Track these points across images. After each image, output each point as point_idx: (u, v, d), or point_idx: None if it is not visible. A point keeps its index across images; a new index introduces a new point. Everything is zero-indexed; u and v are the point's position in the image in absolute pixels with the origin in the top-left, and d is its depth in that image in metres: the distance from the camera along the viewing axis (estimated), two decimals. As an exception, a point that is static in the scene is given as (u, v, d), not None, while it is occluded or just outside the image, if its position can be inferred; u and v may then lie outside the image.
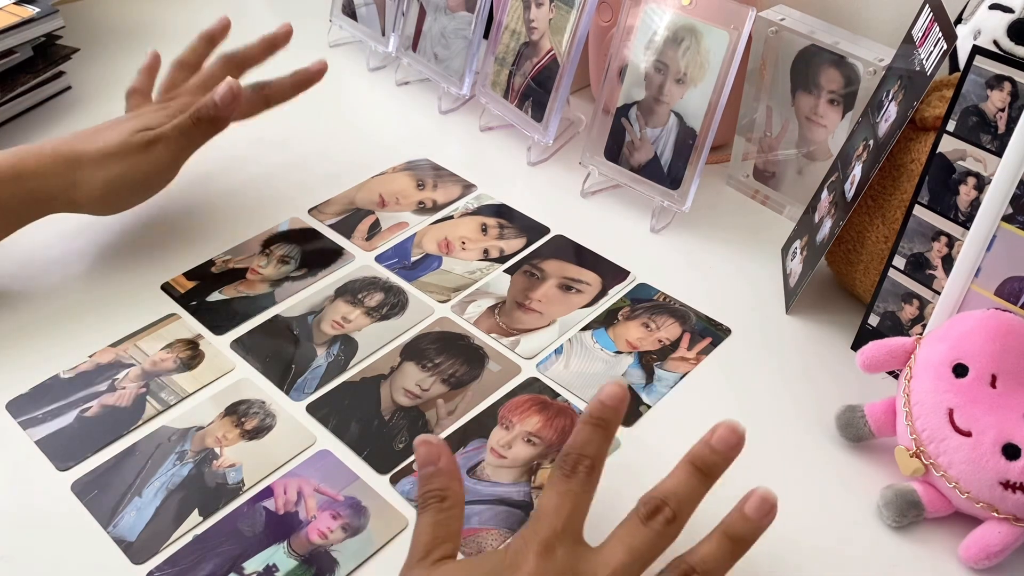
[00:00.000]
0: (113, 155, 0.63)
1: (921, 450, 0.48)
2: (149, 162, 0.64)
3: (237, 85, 0.66)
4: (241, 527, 0.50)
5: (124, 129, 0.65)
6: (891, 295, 0.57)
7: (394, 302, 0.64)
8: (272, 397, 0.57)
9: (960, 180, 0.52)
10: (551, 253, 0.69)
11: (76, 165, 0.63)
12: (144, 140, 0.64)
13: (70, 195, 0.63)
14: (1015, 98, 0.49)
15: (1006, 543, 0.46)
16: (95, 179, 0.63)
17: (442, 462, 0.46)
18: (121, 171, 0.63)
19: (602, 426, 0.45)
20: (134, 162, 0.64)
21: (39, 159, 0.63)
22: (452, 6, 0.81)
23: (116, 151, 0.63)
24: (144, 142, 0.64)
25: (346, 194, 0.75)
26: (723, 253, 0.69)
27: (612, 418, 0.45)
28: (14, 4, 0.83)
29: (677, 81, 0.68)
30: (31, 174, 0.62)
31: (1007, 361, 0.48)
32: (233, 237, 0.70)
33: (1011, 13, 0.59)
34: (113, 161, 0.63)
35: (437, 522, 0.44)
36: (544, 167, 0.79)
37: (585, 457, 0.44)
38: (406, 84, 0.89)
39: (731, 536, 0.42)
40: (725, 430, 0.44)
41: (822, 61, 0.65)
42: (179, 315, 0.63)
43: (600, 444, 0.45)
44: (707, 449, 0.44)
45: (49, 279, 0.66)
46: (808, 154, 0.69)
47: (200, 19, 1.00)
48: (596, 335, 0.62)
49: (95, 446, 0.54)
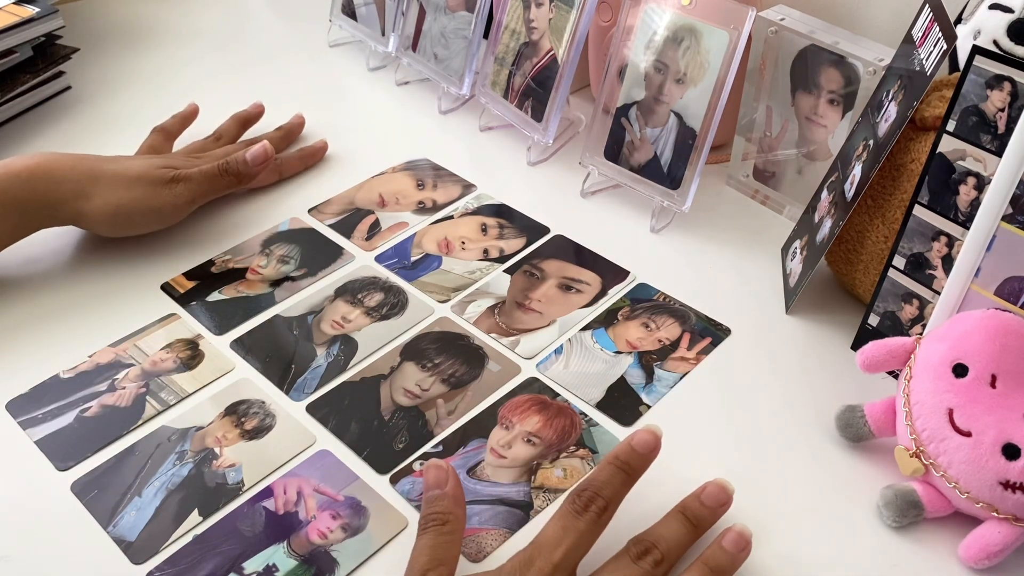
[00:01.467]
0: (134, 180, 0.65)
1: (921, 450, 0.48)
2: (165, 197, 0.66)
3: (271, 149, 0.70)
4: (241, 527, 0.50)
5: (150, 163, 0.67)
6: (891, 295, 0.57)
7: (394, 302, 0.64)
8: (272, 397, 0.57)
9: (960, 180, 0.52)
10: (551, 253, 0.69)
11: (94, 178, 0.64)
12: (167, 176, 0.66)
13: (80, 205, 0.64)
14: (1015, 98, 0.49)
15: (1006, 543, 0.46)
16: (109, 197, 0.64)
17: (449, 487, 0.47)
18: (137, 196, 0.65)
19: (626, 471, 0.46)
20: (152, 192, 0.65)
21: (59, 161, 0.64)
22: (452, 6, 0.81)
23: (137, 177, 0.65)
24: (167, 178, 0.66)
25: (346, 194, 0.75)
26: (723, 253, 0.69)
27: (638, 466, 0.46)
28: (14, 4, 0.83)
29: (677, 81, 0.68)
30: (46, 174, 0.63)
31: (1007, 361, 0.48)
32: (233, 237, 0.70)
33: (1011, 13, 0.59)
34: (132, 185, 0.65)
35: (436, 544, 0.45)
36: (544, 167, 0.79)
37: (600, 498, 0.45)
38: (406, 84, 0.89)
39: (711, 567, 0.45)
40: (715, 488, 0.47)
41: (822, 61, 0.65)
42: (179, 315, 0.63)
43: (619, 488, 0.45)
44: (697, 503, 0.47)
45: (49, 279, 0.66)
46: (808, 154, 0.69)
47: (200, 19, 1.00)
48: (596, 335, 0.62)
49: (95, 446, 0.54)
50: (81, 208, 0.64)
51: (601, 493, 0.45)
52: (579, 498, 0.44)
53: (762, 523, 0.50)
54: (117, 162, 0.66)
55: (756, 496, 0.51)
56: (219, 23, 1.01)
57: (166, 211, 0.66)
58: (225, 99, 0.82)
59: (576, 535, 0.43)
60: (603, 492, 0.45)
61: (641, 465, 0.46)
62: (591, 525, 0.44)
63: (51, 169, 0.63)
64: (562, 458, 0.53)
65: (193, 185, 0.67)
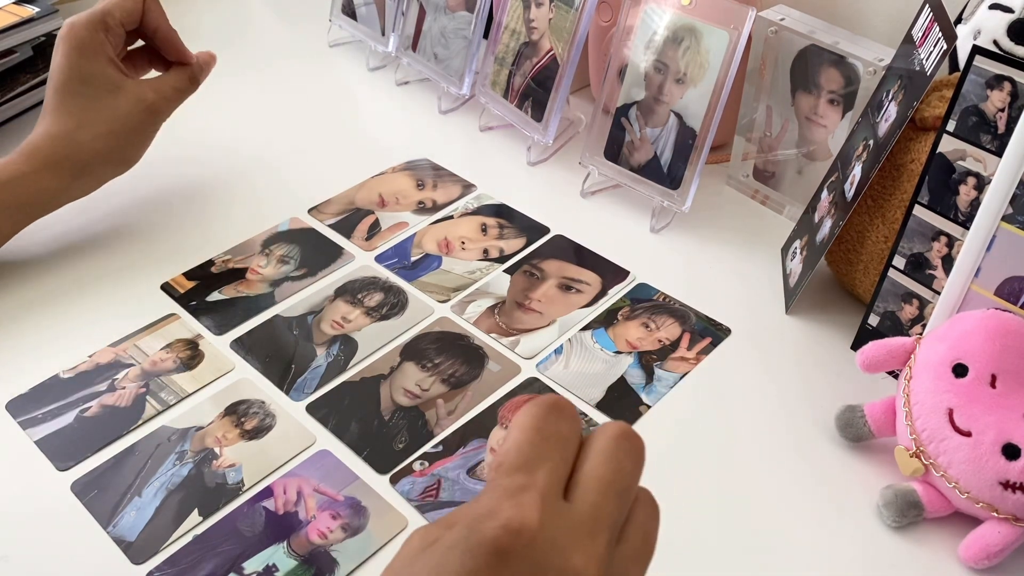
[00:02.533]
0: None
1: (921, 450, 0.48)
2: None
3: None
4: (241, 527, 0.50)
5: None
6: (891, 295, 0.57)
7: (394, 302, 0.64)
8: (272, 397, 0.57)
9: (960, 180, 0.52)
10: (551, 253, 0.69)
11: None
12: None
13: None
14: (1015, 98, 0.49)
15: (1006, 543, 0.46)
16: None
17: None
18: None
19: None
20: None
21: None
22: (452, 6, 0.81)
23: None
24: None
25: (346, 194, 0.75)
26: (723, 253, 0.69)
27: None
28: (14, 4, 0.83)
29: (677, 81, 0.68)
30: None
31: (1007, 361, 0.48)
32: (233, 237, 0.70)
33: (1011, 13, 0.59)
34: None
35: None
36: (544, 167, 0.79)
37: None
38: (406, 84, 0.89)
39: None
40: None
41: (822, 61, 0.65)
42: (179, 315, 0.63)
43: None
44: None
45: (49, 279, 0.66)
46: (808, 154, 0.69)
47: (200, 20, 1.00)
48: (596, 335, 0.62)
49: (95, 446, 0.54)
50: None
51: None
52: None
53: (762, 523, 0.50)
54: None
55: (756, 496, 0.51)
56: (219, 23, 1.01)
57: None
58: (225, 99, 0.82)
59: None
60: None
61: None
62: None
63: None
64: (562, 458, 0.53)
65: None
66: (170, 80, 0.69)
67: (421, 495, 0.52)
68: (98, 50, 0.65)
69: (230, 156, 0.78)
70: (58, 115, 0.65)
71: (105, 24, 0.65)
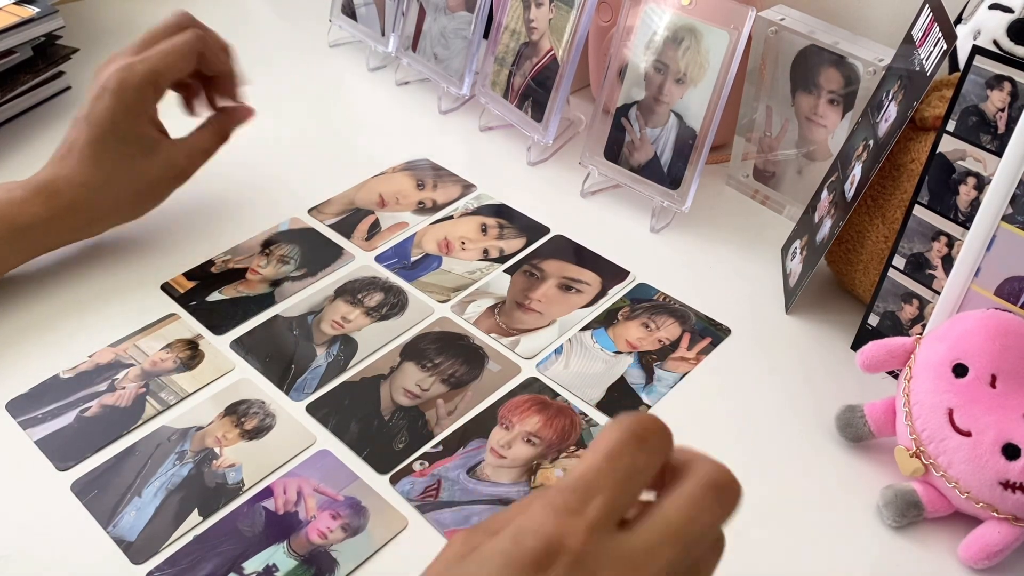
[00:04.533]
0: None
1: (921, 450, 0.48)
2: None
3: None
4: (241, 527, 0.50)
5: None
6: (891, 295, 0.57)
7: (394, 302, 0.64)
8: (272, 397, 0.57)
9: (960, 180, 0.52)
10: (551, 253, 0.69)
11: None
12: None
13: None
14: (1015, 98, 0.49)
15: (1006, 543, 0.46)
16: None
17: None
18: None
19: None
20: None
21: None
22: (452, 6, 0.81)
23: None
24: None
25: (346, 194, 0.75)
26: (723, 253, 0.69)
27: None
28: (14, 4, 0.83)
29: (677, 81, 0.68)
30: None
31: (1007, 361, 0.48)
32: (233, 237, 0.70)
33: (1011, 13, 0.59)
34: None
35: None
36: (544, 167, 0.79)
37: None
38: (406, 84, 0.89)
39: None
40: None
41: (822, 61, 0.65)
42: (179, 315, 0.63)
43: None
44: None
45: (49, 279, 0.66)
46: (808, 154, 0.69)
47: (200, 20, 1.00)
48: (596, 335, 0.62)
49: (95, 446, 0.54)
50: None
51: None
52: None
53: (762, 523, 0.50)
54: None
55: (756, 496, 0.51)
56: (219, 23, 1.01)
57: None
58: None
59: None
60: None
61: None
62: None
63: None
64: (562, 458, 0.53)
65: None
66: (202, 142, 0.69)
67: (421, 495, 0.52)
68: (142, 111, 0.64)
69: (230, 156, 0.78)
70: (87, 165, 0.63)
71: (156, 84, 0.64)
